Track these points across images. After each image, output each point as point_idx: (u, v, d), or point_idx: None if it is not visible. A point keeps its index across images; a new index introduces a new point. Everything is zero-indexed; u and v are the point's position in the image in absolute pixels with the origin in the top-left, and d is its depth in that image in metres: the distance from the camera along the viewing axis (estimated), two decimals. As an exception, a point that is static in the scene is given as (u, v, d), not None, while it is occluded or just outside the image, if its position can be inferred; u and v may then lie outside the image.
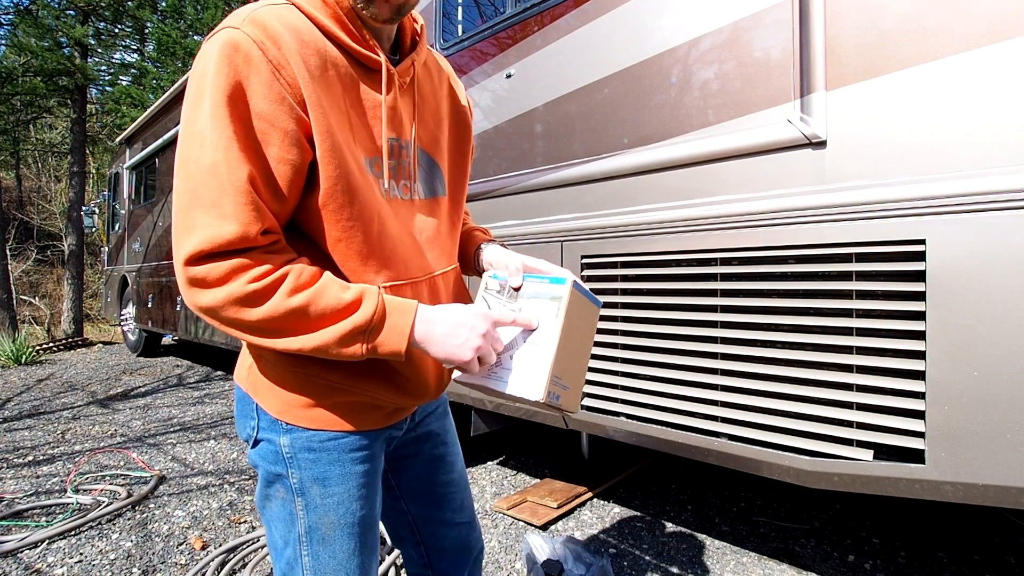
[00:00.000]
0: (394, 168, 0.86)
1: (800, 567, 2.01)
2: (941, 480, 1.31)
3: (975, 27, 1.27)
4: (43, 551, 2.20)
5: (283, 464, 0.83)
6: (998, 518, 2.36)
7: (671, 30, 1.83)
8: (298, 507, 0.84)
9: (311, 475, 0.83)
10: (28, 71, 10.35)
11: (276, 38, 0.71)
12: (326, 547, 0.85)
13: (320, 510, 0.84)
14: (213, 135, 0.68)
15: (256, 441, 0.86)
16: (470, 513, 1.12)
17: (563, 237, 2.16)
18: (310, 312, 0.71)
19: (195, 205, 0.69)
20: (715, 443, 1.71)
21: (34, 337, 10.74)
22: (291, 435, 0.83)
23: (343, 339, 0.73)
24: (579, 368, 0.89)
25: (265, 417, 0.84)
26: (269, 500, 0.87)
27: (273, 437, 0.84)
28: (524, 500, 2.52)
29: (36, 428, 4.06)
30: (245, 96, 0.70)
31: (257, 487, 0.89)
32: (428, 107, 0.95)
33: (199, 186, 0.69)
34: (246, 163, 0.69)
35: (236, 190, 0.69)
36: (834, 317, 1.48)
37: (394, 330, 0.75)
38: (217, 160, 0.68)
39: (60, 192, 15.75)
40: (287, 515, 0.85)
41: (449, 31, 2.76)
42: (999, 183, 1.22)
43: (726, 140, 1.68)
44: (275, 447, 0.84)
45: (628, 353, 1.96)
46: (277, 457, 0.84)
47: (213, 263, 0.69)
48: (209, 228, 0.68)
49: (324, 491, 0.84)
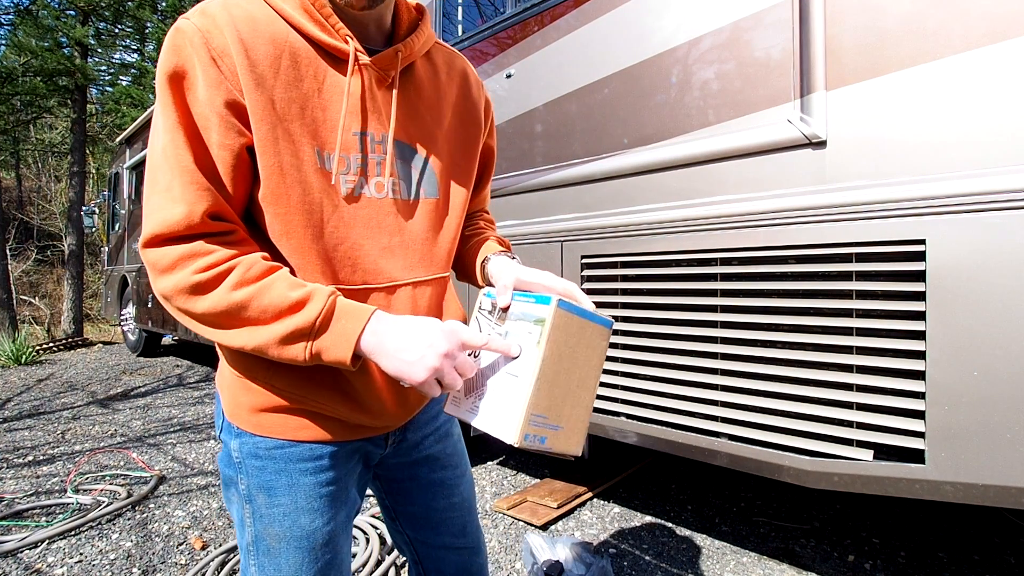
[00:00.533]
0: (358, 163, 0.80)
1: (800, 567, 2.01)
2: (941, 480, 1.31)
3: (975, 27, 1.27)
4: (43, 551, 2.20)
5: (234, 468, 0.82)
6: (998, 518, 2.36)
7: (671, 30, 1.83)
8: (247, 514, 0.81)
9: (257, 483, 0.80)
10: (28, 71, 10.34)
11: (221, 27, 0.71)
12: (271, 559, 0.81)
13: (265, 520, 0.80)
14: (161, 119, 0.70)
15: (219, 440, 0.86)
16: (474, 539, 1.04)
17: (563, 237, 2.16)
18: (251, 307, 0.68)
19: (152, 189, 0.70)
20: (715, 443, 1.71)
21: (34, 337, 10.74)
22: (240, 439, 0.80)
23: (284, 339, 0.69)
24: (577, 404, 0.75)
25: (224, 418, 0.83)
26: (230, 503, 0.86)
27: (227, 439, 0.82)
28: (524, 500, 2.52)
29: (36, 428, 4.06)
30: (185, 83, 0.70)
31: None
32: (424, 102, 0.88)
33: (154, 171, 0.70)
34: (189, 146, 0.69)
35: (182, 170, 0.69)
36: (834, 317, 1.48)
37: (341, 335, 0.70)
38: (165, 143, 0.69)
39: (60, 192, 15.75)
40: (239, 520, 0.83)
41: (449, 31, 2.76)
42: (999, 183, 1.22)
43: (726, 140, 1.68)
44: (227, 450, 0.82)
45: (628, 353, 1.96)
46: (230, 460, 0.82)
47: (165, 248, 0.68)
48: (162, 211, 0.68)
49: (269, 500, 0.80)
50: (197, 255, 0.68)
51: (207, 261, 0.68)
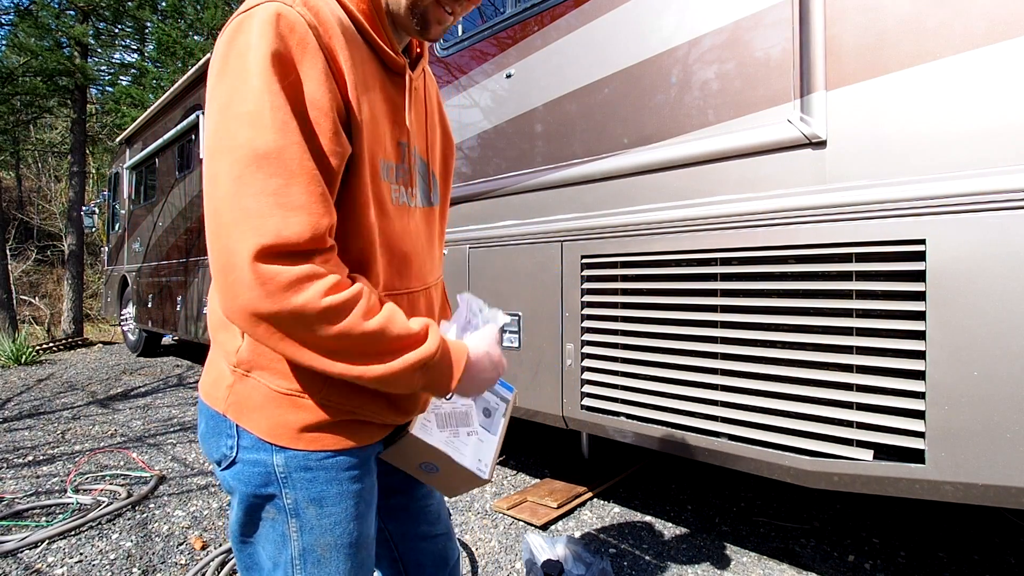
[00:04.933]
0: (402, 173, 0.83)
1: (800, 567, 2.01)
2: (941, 480, 1.31)
3: (975, 27, 1.27)
4: (43, 551, 2.20)
5: (276, 485, 0.77)
6: (998, 518, 2.36)
7: (671, 30, 1.83)
8: (291, 528, 0.78)
9: (307, 495, 0.77)
10: (28, 71, 10.34)
11: (327, 25, 0.67)
12: (321, 569, 0.79)
13: (316, 531, 0.78)
14: (271, 115, 0.62)
15: (234, 461, 0.78)
16: (446, 524, 1.08)
17: (563, 237, 2.16)
18: (383, 338, 0.66)
19: (256, 192, 0.61)
20: (715, 443, 1.71)
21: (34, 337, 10.74)
22: (285, 454, 0.76)
23: (407, 369, 0.68)
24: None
25: (250, 436, 0.77)
26: (253, 522, 0.81)
27: (263, 457, 0.77)
28: (524, 500, 2.52)
29: (36, 428, 4.06)
30: (300, 80, 0.65)
31: (233, 511, 0.82)
32: (429, 116, 0.94)
33: (258, 172, 0.61)
34: (307, 146, 0.64)
35: (306, 177, 0.62)
36: (834, 317, 1.48)
37: (448, 367, 0.73)
38: (282, 144, 0.62)
39: (60, 192, 15.75)
40: (278, 536, 0.79)
41: (449, 31, 2.76)
42: (999, 183, 1.23)
43: (726, 140, 1.68)
44: (265, 467, 0.77)
45: (628, 353, 1.96)
46: (268, 478, 0.77)
47: (282, 265, 0.61)
48: (275, 219, 0.60)
49: (320, 512, 0.78)
50: (319, 276, 0.63)
51: (332, 282, 0.64)
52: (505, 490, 2.74)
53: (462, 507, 2.54)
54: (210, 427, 0.82)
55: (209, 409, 0.82)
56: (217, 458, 0.81)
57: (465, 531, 2.31)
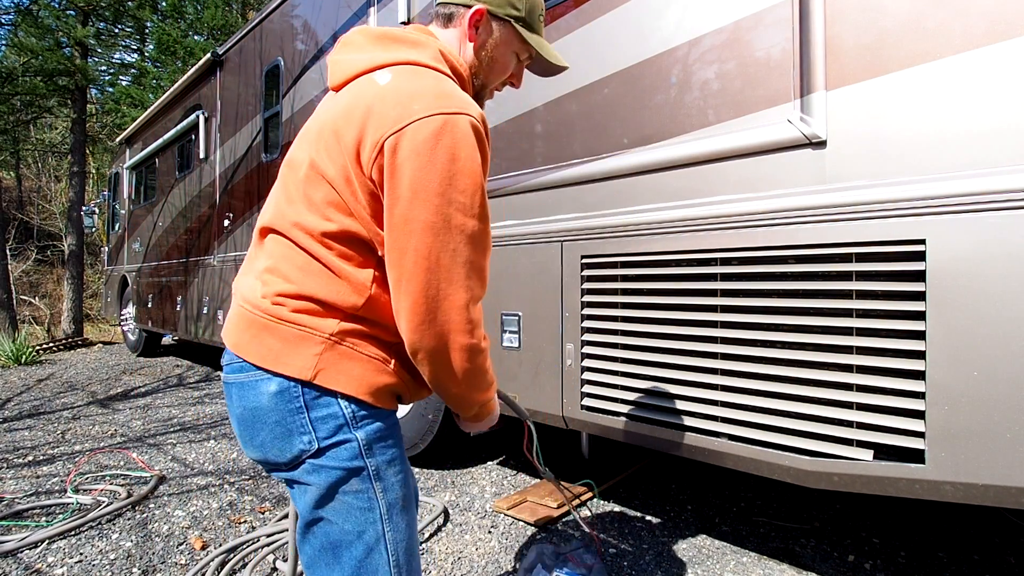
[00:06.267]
0: None
1: (800, 567, 2.01)
2: (941, 480, 1.31)
3: (975, 27, 1.27)
4: (43, 551, 2.20)
5: (360, 458, 0.91)
6: (998, 518, 2.36)
7: (671, 30, 1.83)
8: (377, 491, 0.92)
9: (385, 458, 0.94)
10: (28, 71, 10.34)
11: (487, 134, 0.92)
12: (404, 515, 0.95)
13: (396, 487, 0.95)
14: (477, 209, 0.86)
15: (319, 451, 0.89)
16: None
17: (563, 237, 2.16)
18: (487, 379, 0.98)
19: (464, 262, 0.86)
20: (715, 443, 1.71)
21: (34, 337, 10.74)
22: (364, 429, 0.92)
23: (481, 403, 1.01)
24: None
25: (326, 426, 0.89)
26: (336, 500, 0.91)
27: (346, 437, 0.90)
28: (524, 500, 2.52)
29: (36, 428, 4.06)
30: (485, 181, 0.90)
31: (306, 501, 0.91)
32: None
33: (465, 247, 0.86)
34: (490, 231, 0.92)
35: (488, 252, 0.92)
36: (834, 317, 1.48)
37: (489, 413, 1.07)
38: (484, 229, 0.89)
39: (60, 192, 15.75)
40: (363, 504, 0.91)
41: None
42: (999, 183, 1.22)
43: (726, 140, 1.68)
44: (351, 444, 0.90)
45: (628, 353, 1.96)
46: (354, 453, 0.90)
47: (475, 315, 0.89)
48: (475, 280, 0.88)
49: (395, 469, 0.95)
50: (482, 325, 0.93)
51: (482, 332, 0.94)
52: (505, 490, 2.74)
53: (462, 507, 2.54)
54: (276, 433, 0.90)
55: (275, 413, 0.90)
56: (291, 457, 0.90)
57: (465, 531, 2.31)
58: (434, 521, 2.39)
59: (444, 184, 0.83)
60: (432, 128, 0.82)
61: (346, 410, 0.90)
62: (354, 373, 0.90)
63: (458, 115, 0.84)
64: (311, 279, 0.90)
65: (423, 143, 0.82)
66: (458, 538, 2.26)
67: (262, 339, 0.90)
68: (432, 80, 0.90)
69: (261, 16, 4.56)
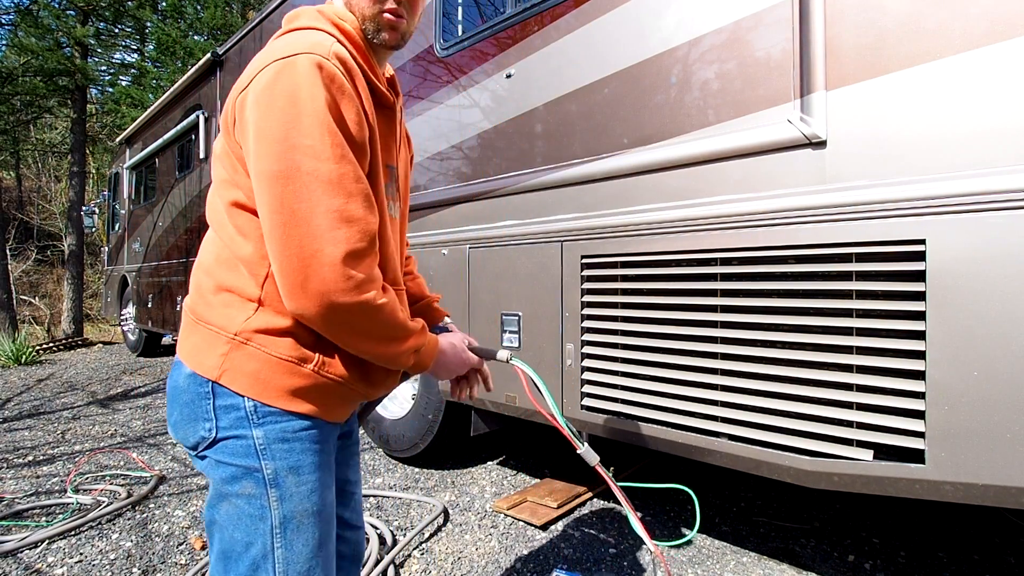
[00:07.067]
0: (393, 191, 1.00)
1: (800, 567, 2.01)
2: (941, 480, 1.31)
3: (975, 27, 1.27)
4: (43, 551, 2.20)
5: (255, 457, 0.85)
6: (998, 518, 2.36)
7: (671, 30, 1.83)
8: (271, 499, 0.86)
9: (286, 464, 0.86)
10: (28, 71, 10.34)
11: (353, 72, 0.84)
12: (300, 535, 0.87)
13: (295, 499, 0.87)
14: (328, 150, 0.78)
15: (215, 441, 0.86)
16: (362, 518, 1.17)
17: (563, 237, 2.16)
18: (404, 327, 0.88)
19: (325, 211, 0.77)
20: (715, 443, 1.71)
21: (34, 337, 10.74)
22: (264, 428, 0.86)
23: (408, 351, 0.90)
24: None
25: (228, 416, 0.85)
26: (229, 502, 0.87)
27: (243, 432, 0.86)
28: (524, 500, 2.52)
29: (36, 428, 4.06)
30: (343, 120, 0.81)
31: (211, 493, 0.89)
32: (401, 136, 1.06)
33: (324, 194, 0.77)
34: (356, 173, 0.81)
35: (360, 196, 0.81)
36: (834, 317, 1.48)
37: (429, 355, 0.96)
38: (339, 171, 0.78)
39: (60, 192, 15.74)
40: (255, 511, 0.86)
41: (449, 31, 2.76)
42: (999, 183, 1.22)
43: (726, 140, 1.68)
44: (246, 441, 0.85)
45: (628, 353, 1.96)
46: (248, 450, 0.85)
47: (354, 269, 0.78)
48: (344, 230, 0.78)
49: (299, 479, 0.87)
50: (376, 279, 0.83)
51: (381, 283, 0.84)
52: (505, 490, 2.74)
53: (462, 507, 2.54)
54: (185, 414, 0.89)
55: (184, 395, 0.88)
56: (194, 442, 0.88)
57: (465, 531, 2.31)
58: (434, 521, 2.39)
59: (286, 128, 0.77)
60: (269, 75, 0.79)
61: (247, 404, 0.86)
62: (259, 376, 0.85)
63: (296, 56, 0.79)
64: (221, 268, 0.89)
65: (262, 91, 0.79)
66: (458, 538, 2.26)
67: (187, 337, 0.92)
68: (289, 37, 0.85)
69: (261, 16, 4.56)
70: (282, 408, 0.86)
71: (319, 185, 0.77)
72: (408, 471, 3.01)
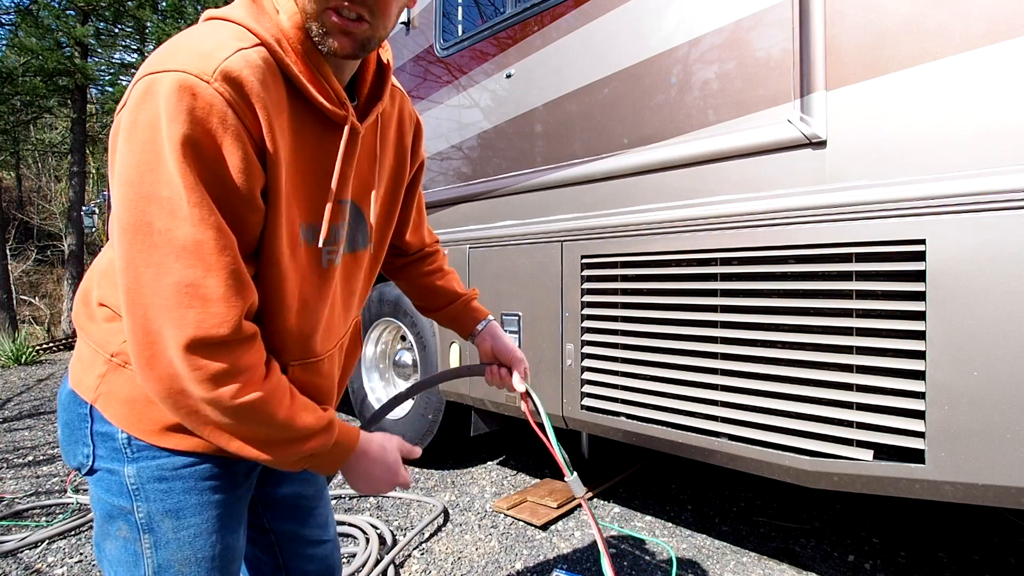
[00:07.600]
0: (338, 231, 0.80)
1: (800, 567, 2.01)
2: (941, 480, 1.31)
3: (975, 27, 1.27)
4: (43, 551, 2.20)
5: (128, 497, 0.75)
6: (998, 518, 2.36)
7: (671, 30, 1.83)
8: (144, 545, 0.75)
9: (161, 508, 0.75)
10: (28, 71, 10.35)
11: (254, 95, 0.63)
12: None
13: (172, 546, 0.75)
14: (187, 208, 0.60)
15: (92, 470, 0.77)
16: (333, 531, 1.06)
17: (563, 237, 2.16)
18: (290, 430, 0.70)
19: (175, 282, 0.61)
20: (715, 443, 1.71)
21: (34, 337, 10.75)
22: (137, 464, 0.74)
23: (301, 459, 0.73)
24: None
25: (105, 445, 0.75)
26: (108, 540, 0.77)
27: (116, 467, 0.75)
28: (524, 500, 2.52)
29: (36, 428, 4.06)
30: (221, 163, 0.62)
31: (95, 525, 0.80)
32: (368, 157, 0.85)
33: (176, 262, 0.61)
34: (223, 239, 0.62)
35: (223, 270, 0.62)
36: (834, 317, 1.48)
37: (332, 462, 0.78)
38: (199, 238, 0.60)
39: (60, 192, 15.75)
40: (129, 557, 0.76)
41: (449, 31, 2.76)
42: (999, 183, 1.22)
43: (726, 140, 1.68)
44: (118, 478, 0.75)
45: (628, 353, 1.96)
46: (121, 489, 0.75)
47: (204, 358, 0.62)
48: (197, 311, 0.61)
49: (177, 524, 0.75)
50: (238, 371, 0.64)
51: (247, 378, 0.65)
52: (505, 490, 2.74)
53: (462, 507, 2.54)
54: (66, 435, 0.79)
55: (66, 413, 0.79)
56: (75, 466, 0.79)
57: (465, 531, 2.31)
58: (434, 521, 2.39)
59: (141, 171, 0.60)
60: (136, 96, 0.61)
61: (121, 436, 0.75)
62: (134, 406, 0.73)
63: (163, 73, 0.59)
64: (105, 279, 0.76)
65: (126, 116, 0.61)
66: (458, 538, 2.26)
67: (76, 348, 0.83)
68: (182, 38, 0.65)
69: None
70: (156, 445, 0.74)
71: (171, 250, 0.60)
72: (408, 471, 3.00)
